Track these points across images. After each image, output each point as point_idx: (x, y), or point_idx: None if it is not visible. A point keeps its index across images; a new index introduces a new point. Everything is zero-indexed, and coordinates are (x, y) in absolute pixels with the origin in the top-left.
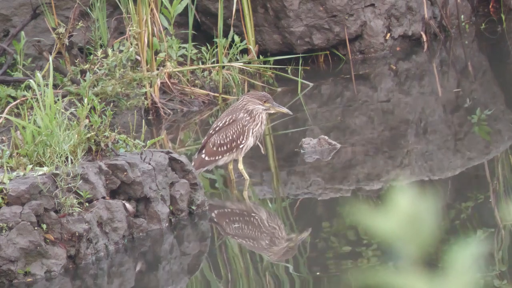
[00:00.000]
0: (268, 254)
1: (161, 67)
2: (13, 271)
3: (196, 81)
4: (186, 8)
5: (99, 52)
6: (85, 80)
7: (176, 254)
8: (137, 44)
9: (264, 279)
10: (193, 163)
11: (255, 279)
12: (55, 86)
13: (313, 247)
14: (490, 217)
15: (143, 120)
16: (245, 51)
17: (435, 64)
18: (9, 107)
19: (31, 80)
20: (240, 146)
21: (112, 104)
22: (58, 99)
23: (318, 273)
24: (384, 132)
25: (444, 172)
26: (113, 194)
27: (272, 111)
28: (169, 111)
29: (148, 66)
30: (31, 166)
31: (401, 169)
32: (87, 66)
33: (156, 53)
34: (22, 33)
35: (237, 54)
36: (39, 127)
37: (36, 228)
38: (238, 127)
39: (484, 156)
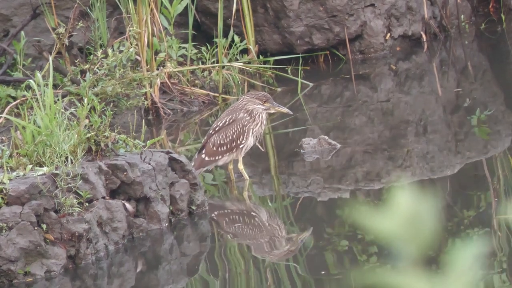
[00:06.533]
0: (268, 255)
1: (161, 67)
2: (13, 271)
3: (196, 81)
4: (186, 8)
5: (99, 52)
6: (85, 80)
7: (176, 254)
8: (137, 44)
9: (264, 280)
10: (193, 163)
11: (255, 279)
12: (55, 86)
13: (313, 247)
14: (490, 217)
15: (143, 120)
16: (245, 51)
17: (435, 64)
18: (9, 107)
19: (31, 80)
20: (240, 146)
21: (112, 104)
22: (58, 99)
23: (323, 272)
24: (384, 132)
25: (444, 172)
26: (113, 194)
27: (272, 111)
28: (169, 111)
29: (148, 66)
30: (31, 166)
31: (401, 169)
32: (87, 66)
33: (156, 53)
34: (22, 33)
35: (237, 54)
36: (39, 127)
37: (36, 228)
38: (238, 127)
39: (484, 156)
